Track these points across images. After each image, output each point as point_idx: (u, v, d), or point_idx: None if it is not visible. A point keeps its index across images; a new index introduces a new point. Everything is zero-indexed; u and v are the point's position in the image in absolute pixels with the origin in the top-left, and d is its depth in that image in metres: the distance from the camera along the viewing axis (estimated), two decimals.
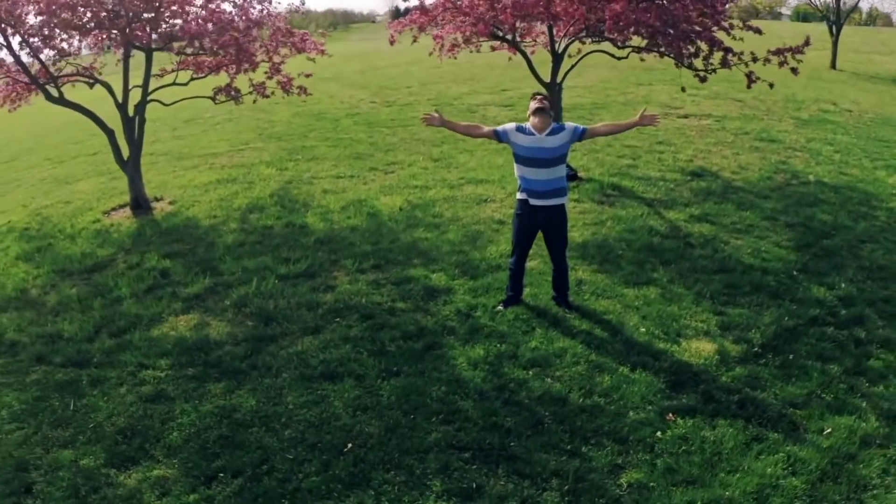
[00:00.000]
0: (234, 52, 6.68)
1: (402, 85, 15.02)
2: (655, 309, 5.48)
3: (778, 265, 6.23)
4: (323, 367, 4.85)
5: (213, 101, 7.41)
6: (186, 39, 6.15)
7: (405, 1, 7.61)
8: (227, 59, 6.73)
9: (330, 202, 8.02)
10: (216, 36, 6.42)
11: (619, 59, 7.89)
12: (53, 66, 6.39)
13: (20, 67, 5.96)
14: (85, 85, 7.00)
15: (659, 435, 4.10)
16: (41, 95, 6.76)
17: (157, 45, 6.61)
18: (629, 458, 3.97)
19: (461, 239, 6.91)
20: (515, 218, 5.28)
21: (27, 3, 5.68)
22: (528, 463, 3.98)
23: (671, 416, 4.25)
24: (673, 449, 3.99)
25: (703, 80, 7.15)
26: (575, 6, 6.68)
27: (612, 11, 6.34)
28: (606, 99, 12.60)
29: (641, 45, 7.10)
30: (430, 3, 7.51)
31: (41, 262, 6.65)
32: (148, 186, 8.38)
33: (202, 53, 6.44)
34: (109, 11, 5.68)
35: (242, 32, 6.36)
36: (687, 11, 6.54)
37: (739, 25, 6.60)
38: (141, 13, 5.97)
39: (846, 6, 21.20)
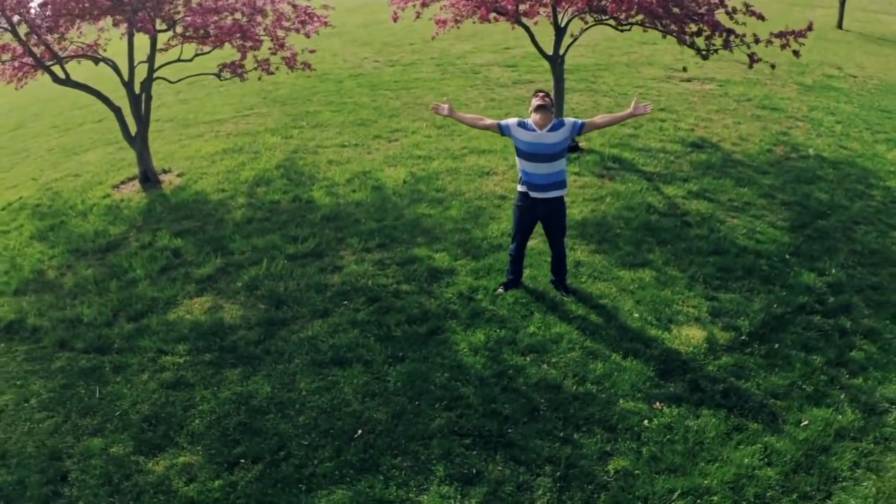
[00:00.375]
0: (239, 38, 6.75)
1: (404, 41, 14.84)
2: (650, 293, 5.71)
3: (771, 247, 6.43)
4: (333, 352, 5.14)
5: (218, 77, 7.48)
6: (191, 30, 6.21)
7: None
8: (231, 38, 6.79)
9: (335, 174, 8.17)
10: (220, 24, 6.48)
11: (621, 30, 7.88)
12: (58, 44, 6.44)
13: (26, 50, 6.03)
14: (90, 60, 7.06)
15: (646, 423, 4.41)
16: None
17: (161, 28, 6.65)
18: (617, 445, 4.29)
19: (464, 216, 7.10)
20: (516, 209, 5.47)
21: None
22: (523, 450, 4.30)
23: (658, 404, 4.55)
24: (658, 437, 4.30)
25: (705, 57, 7.17)
26: None
27: None
28: (610, 59, 12.51)
29: (644, 22, 7.09)
30: None
31: (55, 241, 6.88)
32: (155, 157, 8.51)
33: (207, 38, 6.50)
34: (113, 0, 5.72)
35: (247, 16, 6.40)
36: None
37: (742, 10, 6.59)
38: (145, 2, 6.00)
39: None
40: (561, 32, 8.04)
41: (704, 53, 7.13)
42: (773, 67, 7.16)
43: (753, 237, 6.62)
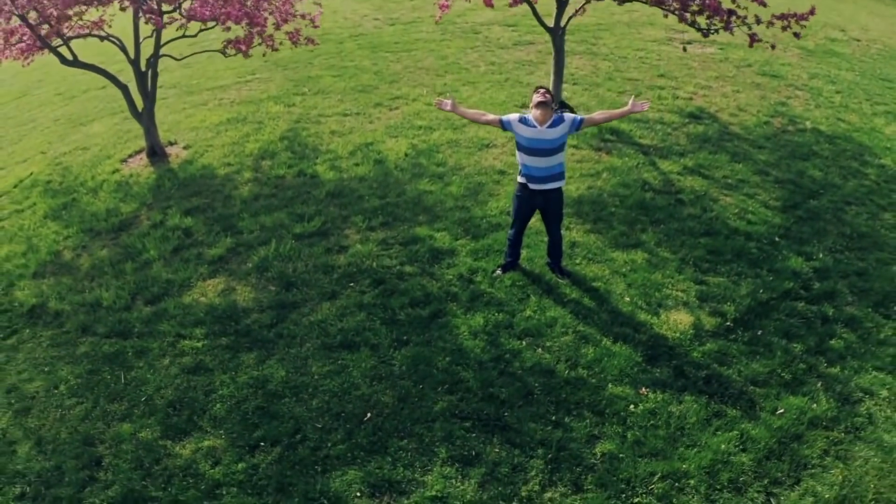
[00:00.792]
0: (246, 24, 6.81)
1: None
2: (641, 276, 6.00)
3: (762, 229, 6.67)
4: (342, 336, 5.47)
5: (223, 54, 7.54)
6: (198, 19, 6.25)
7: None
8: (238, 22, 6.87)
9: (338, 146, 8.33)
10: (226, 12, 6.52)
11: (621, 3, 7.90)
12: (64, 23, 6.49)
13: (32, 32, 6.10)
14: (96, 39, 7.12)
15: (632, 408, 4.77)
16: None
17: (167, 10, 6.68)
18: (604, 429, 4.66)
19: (464, 192, 7.31)
20: (515, 199, 5.70)
21: None
22: (518, 433, 4.68)
23: (644, 390, 4.90)
24: (643, 422, 4.67)
25: (705, 35, 7.23)
26: None
27: None
28: (611, 18, 12.41)
29: None
30: None
31: (69, 220, 7.11)
32: (161, 128, 8.64)
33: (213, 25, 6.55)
34: None
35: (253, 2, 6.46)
36: None
37: None
38: None
39: None
40: (562, 4, 8.05)
41: (705, 31, 7.19)
42: (772, 48, 7.22)
43: (745, 217, 6.85)
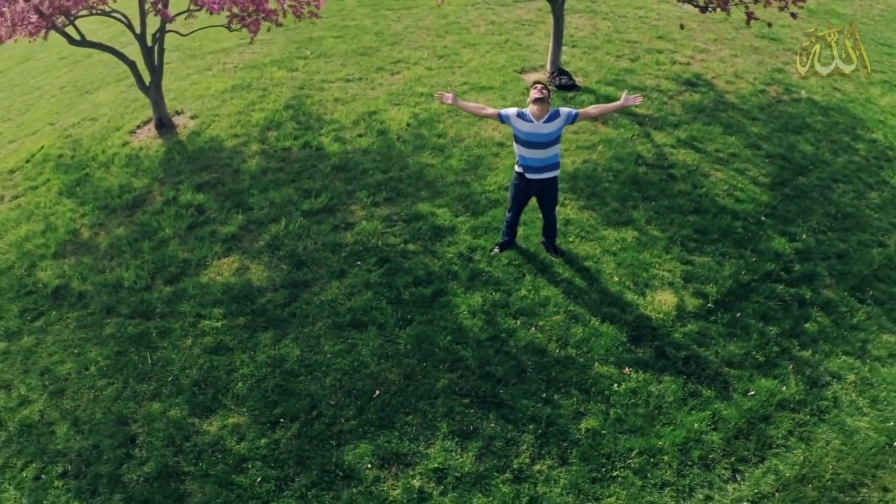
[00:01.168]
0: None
1: None
2: (630, 256, 6.38)
3: (749, 207, 6.98)
4: (351, 315, 5.90)
5: (228, 29, 7.65)
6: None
7: None
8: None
9: (341, 116, 8.53)
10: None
11: None
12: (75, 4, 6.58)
13: (39, 15, 6.21)
14: (100, 18, 7.21)
15: (615, 387, 5.25)
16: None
17: None
18: (589, 406, 5.15)
19: (464, 166, 7.59)
20: (513, 186, 6.00)
21: None
22: (512, 409, 5.17)
23: (627, 370, 5.36)
24: (624, 401, 5.15)
25: (703, 11, 7.33)
26: None
27: None
28: None
29: None
30: None
31: (84, 197, 7.42)
32: (167, 96, 8.80)
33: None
34: None
35: None
36: None
37: None
38: None
39: None
40: None
41: (703, 8, 7.29)
42: (769, 26, 7.33)
43: (733, 195, 7.15)
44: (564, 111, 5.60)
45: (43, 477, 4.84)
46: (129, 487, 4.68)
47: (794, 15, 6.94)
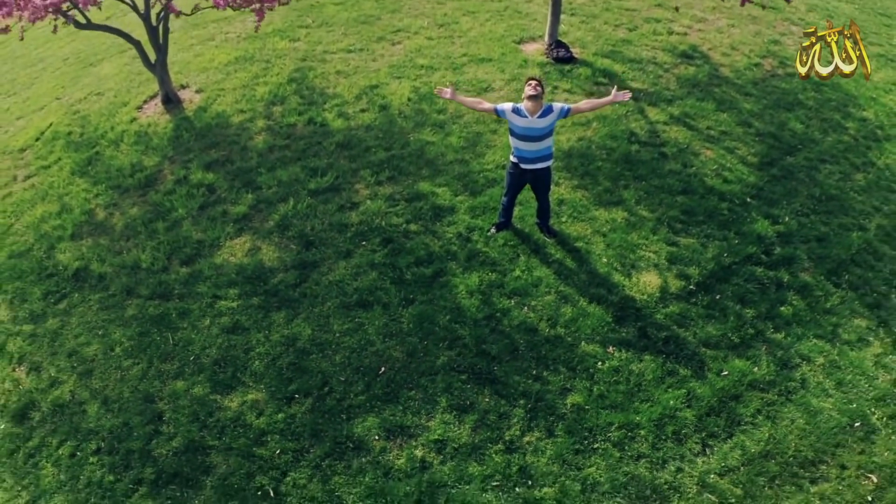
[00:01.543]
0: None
1: None
2: (619, 237, 6.75)
3: (736, 188, 7.29)
4: (357, 295, 6.33)
5: (232, 8, 7.79)
6: None
7: None
8: None
9: (343, 90, 8.75)
10: None
11: None
12: None
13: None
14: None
15: (599, 365, 5.73)
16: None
17: None
18: (575, 383, 5.63)
19: (463, 144, 7.88)
20: (508, 175, 6.33)
21: None
22: (505, 385, 5.66)
23: (611, 349, 5.83)
24: (607, 378, 5.64)
25: None
26: None
27: None
28: None
29: None
30: None
31: (96, 177, 7.73)
32: (171, 69, 9.00)
33: None
34: None
35: None
36: None
37: None
38: None
39: None
40: None
41: None
42: (763, 8, 7.47)
43: (722, 174, 7.46)
44: (557, 106, 5.89)
45: (78, 454, 5.37)
46: (159, 461, 5.23)
47: (788, 0, 7.08)
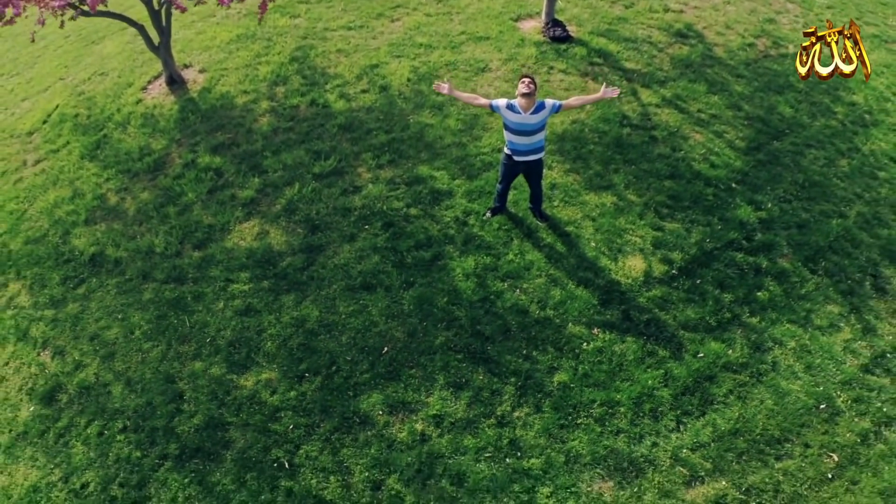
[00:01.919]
0: None
1: None
2: (607, 221, 7.13)
3: (722, 174, 7.60)
4: (361, 278, 6.75)
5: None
6: None
7: None
8: None
9: (344, 70, 8.98)
10: None
11: None
12: None
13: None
14: None
15: (584, 346, 6.20)
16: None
17: None
18: (562, 362, 6.11)
19: (461, 127, 8.18)
20: (502, 165, 6.68)
21: None
22: (497, 364, 6.14)
23: (596, 330, 6.29)
24: (591, 358, 6.12)
25: None
26: None
27: None
28: None
29: None
30: None
31: (106, 161, 8.04)
32: (174, 47, 9.21)
33: None
34: None
35: None
36: None
37: None
38: None
39: None
40: None
41: None
42: None
43: (709, 159, 7.77)
44: (549, 103, 6.20)
45: (106, 433, 5.88)
46: (182, 437, 5.75)
47: None
